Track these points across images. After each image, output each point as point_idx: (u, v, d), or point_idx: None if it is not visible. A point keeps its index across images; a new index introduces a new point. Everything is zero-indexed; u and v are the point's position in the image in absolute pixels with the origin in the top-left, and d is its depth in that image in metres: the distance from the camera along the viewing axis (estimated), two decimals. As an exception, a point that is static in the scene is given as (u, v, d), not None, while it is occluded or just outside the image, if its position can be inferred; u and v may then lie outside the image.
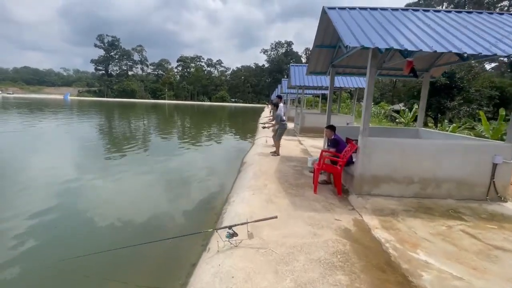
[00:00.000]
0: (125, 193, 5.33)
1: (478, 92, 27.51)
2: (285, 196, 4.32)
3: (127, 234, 3.76)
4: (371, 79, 4.13)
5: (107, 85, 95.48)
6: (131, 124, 18.61)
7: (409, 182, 4.42)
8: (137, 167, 7.16)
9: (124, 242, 3.17)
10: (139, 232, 3.83)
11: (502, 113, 13.18)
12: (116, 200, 4.96)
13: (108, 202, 4.84)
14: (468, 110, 27.16)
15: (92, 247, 3.14)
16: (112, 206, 4.67)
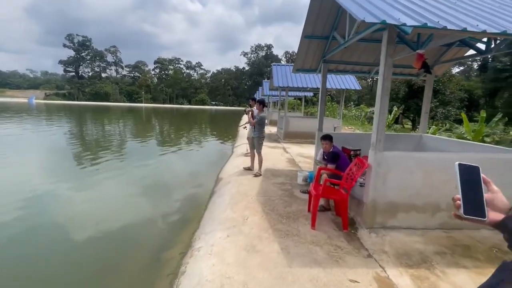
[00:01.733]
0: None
1: (452, 95, 28.31)
2: (273, 236, 3.07)
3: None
4: (387, 72, 3.02)
5: (78, 87, 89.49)
6: (99, 130, 16.57)
7: (435, 209, 3.35)
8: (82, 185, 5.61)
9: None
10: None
11: (483, 115, 12.94)
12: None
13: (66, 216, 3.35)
14: (444, 112, 27.80)
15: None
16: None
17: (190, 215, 4.24)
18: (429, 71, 4.44)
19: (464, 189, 0.74)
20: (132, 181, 6.20)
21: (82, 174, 6.63)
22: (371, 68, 6.26)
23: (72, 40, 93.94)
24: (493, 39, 4.34)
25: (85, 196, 5.22)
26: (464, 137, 12.60)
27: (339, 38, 4.58)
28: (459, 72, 45.50)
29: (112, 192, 5.48)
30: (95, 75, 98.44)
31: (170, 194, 5.38)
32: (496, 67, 30.16)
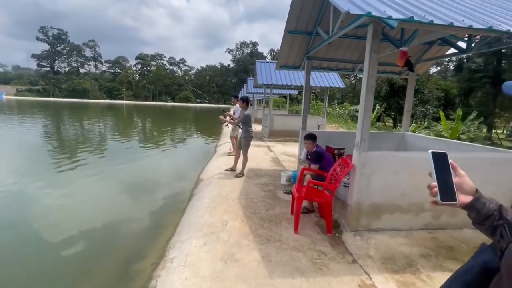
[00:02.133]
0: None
1: (430, 94, 29.42)
2: (254, 243, 2.87)
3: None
4: (372, 69, 2.88)
5: (54, 83, 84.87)
6: (77, 128, 15.65)
7: (419, 210, 3.28)
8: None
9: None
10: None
11: (459, 113, 13.45)
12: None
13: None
14: (423, 110, 28.84)
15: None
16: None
17: (167, 221, 3.95)
18: (412, 69, 4.40)
19: (438, 176, 0.80)
20: (108, 184, 5.79)
21: (54, 176, 6.12)
22: (354, 66, 6.19)
23: (46, 33, 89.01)
24: (474, 37, 4.36)
25: (56, 199, 4.78)
26: (442, 134, 13.03)
27: (323, 33, 4.43)
28: (436, 72, 47.52)
29: (84, 195, 5.07)
30: (72, 71, 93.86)
31: (146, 198, 5.04)
32: (471, 68, 31.63)
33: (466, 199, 0.78)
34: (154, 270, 2.62)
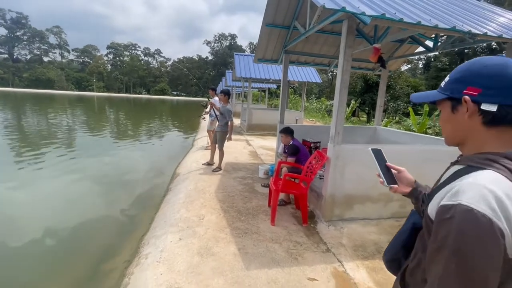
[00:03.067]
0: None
1: (401, 90, 31.01)
2: (231, 236, 2.87)
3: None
4: (346, 65, 2.95)
5: (13, 72, 77.74)
6: (42, 122, 14.49)
7: (387, 200, 3.47)
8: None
9: None
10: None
11: (426, 109, 14.34)
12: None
13: None
14: (394, 105, 30.36)
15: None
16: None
17: (141, 217, 3.82)
18: (384, 65, 4.57)
19: (381, 167, 1.04)
20: (78, 179, 5.44)
21: (19, 171, 5.65)
22: (331, 61, 6.32)
23: (4, 17, 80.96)
24: (439, 37, 4.62)
25: (21, 194, 4.42)
26: (411, 129, 13.83)
27: (300, 27, 4.46)
28: (407, 70, 50.08)
29: (53, 192, 4.74)
30: (34, 59, 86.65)
31: (119, 194, 4.83)
32: (437, 66, 33.75)
33: (407, 189, 1.00)
34: (127, 268, 2.53)
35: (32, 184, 5.06)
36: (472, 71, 0.67)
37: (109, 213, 4.02)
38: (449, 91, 0.70)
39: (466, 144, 0.72)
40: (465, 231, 0.54)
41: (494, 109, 0.63)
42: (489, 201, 0.55)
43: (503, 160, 0.61)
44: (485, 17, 3.32)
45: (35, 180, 5.28)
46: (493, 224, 0.53)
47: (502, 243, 0.53)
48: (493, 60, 0.66)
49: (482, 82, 0.64)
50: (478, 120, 0.67)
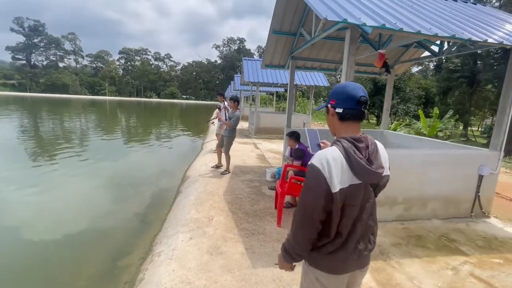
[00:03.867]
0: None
1: (411, 92, 30.50)
2: (239, 237, 3.01)
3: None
4: (350, 71, 3.07)
5: (30, 77, 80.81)
6: (57, 125, 15.10)
7: (392, 203, 3.54)
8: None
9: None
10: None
11: (436, 112, 14.11)
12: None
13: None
14: (404, 108, 29.89)
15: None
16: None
17: (153, 217, 4.01)
18: (389, 71, 4.62)
19: (312, 144, 2.67)
20: (93, 181, 5.72)
21: (37, 173, 5.98)
22: (337, 66, 6.42)
23: (22, 24, 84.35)
24: (445, 41, 4.66)
25: (41, 196, 4.71)
26: (421, 132, 13.65)
27: (306, 34, 4.59)
28: (418, 71, 49.21)
29: (70, 192, 5.01)
30: (50, 64, 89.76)
31: (133, 195, 5.06)
32: (449, 68, 33.05)
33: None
34: (142, 264, 2.71)
35: (51, 185, 5.35)
36: (333, 91, 1.19)
37: (123, 213, 4.23)
38: (326, 102, 1.20)
39: (336, 133, 1.19)
40: (308, 175, 1.07)
41: (341, 111, 1.13)
42: (322, 161, 1.03)
43: (343, 141, 1.08)
44: (488, 24, 3.37)
45: (53, 182, 5.57)
46: (320, 173, 1.02)
47: (324, 182, 1.01)
48: (340, 84, 1.18)
49: (335, 97, 1.15)
50: (336, 118, 1.15)
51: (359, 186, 1.06)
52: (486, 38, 2.81)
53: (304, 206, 1.08)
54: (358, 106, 1.12)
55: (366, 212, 1.13)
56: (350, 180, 1.04)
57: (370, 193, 1.13)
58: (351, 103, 1.12)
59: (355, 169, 1.03)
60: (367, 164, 1.05)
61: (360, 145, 1.08)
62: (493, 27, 3.26)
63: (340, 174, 1.02)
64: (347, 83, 1.17)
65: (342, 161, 1.03)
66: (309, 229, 1.08)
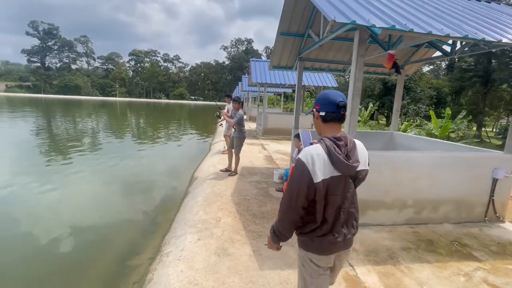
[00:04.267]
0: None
1: (422, 92, 29.88)
2: (246, 238, 3.02)
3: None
4: (358, 73, 3.04)
5: (45, 79, 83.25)
6: (70, 126, 15.50)
7: (402, 206, 3.48)
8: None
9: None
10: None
11: (448, 112, 13.75)
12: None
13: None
14: (415, 108, 29.31)
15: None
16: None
17: (162, 218, 4.07)
18: (399, 71, 4.56)
19: (305, 143, 2.14)
20: (102, 181, 5.86)
21: (49, 173, 6.16)
22: (345, 67, 6.36)
23: (37, 28, 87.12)
24: (458, 41, 4.56)
25: (51, 196, 4.84)
26: (432, 133, 13.35)
27: (314, 36, 4.57)
28: (429, 71, 48.11)
29: (80, 192, 5.14)
30: (64, 67, 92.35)
31: (141, 195, 5.14)
32: (462, 67, 32.20)
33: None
34: (151, 265, 2.75)
35: (64, 185, 5.50)
36: (317, 98, 1.40)
37: (132, 214, 4.31)
38: (313, 108, 1.40)
39: (321, 133, 1.39)
40: (295, 167, 1.27)
41: (324, 114, 1.33)
42: (307, 156, 1.24)
43: (326, 140, 1.28)
44: (502, 22, 3.28)
45: (63, 181, 5.72)
46: (304, 166, 1.23)
47: (307, 174, 1.22)
48: (324, 92, 1.38)
49: (319, 102, 1.36)
50: (320, 120, 1.36)
51: (339, 177, 1.27)
52: (501, 38, 2.73)
53: (290, 194, 1.29)
54: (338, 109, 1.33)
55: (347, 200, 1.33)
56: (331, 172, 1.25)
57: (350, 184, 1.33)
58: (332, 107, 1.33)
59: (335, 163, 1.24)
60: (345, 159, 1.25)
61: (339, 143, 1.29)
62: (508, 26, 3.16)
63: (322, 167, 1.24)
64: (329, 91, 1.40)
65: (324, 156, 1.25)
66: (293, 214, 1.30)
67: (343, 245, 1.38)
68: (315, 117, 1.40)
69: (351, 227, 1.40)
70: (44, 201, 4.67)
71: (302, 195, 1.25)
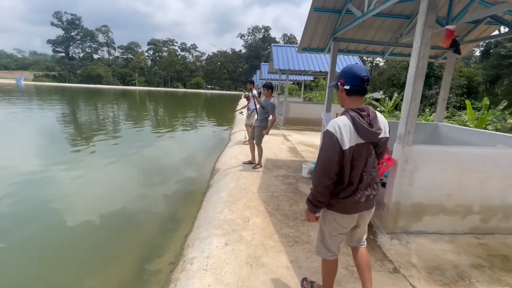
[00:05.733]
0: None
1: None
2: (281, 245, 2.60)
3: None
4: (424, 48, 2.43)
5: (69, 69, 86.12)
6: (92, 114, 15.71)
7: (466, 212, 2.90)
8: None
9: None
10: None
11: (486, 102, 12.50)
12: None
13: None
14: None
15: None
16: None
17: (183, 213, 3.74)
18: (459, 51, 3.83)
19: (327, 123, 2.63)
20: (120, 172, 5.65)
21: (72, 159, 6.05)
22: (385, 48, 5.64)
23: (61, 18, 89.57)
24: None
25: (67, 187, 4.67)
26: (467, 125, 12.23)
27: (356, 10, 3.93)
28: (459, 59, 44.73)
29: (98, 183, 4.94)
30: (86, 56, 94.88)
31: (161, 188, 4.85)
32: (500, 53, 29.43)
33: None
34: (172, 272, 2.40)
35: (81, 173, 5.33)
36: (342, 71, 1.53)
37: (151, 208, 4.02)
38: (336, 81, 1.56)
39: (344, 105, 1.54)
40: (324, 138, 1.45)
41: (348, 88, 1.48)
42: (334, 127, 1.41)
43: (349, 111, 1.46)
44: None
45: (83, 171, 5.56)
46: (333, 135, 1.40)
47: (337, 142, 1.39)
48: (349, 66, 1.51)
49: (344, 76, 1.51)
50: (344, 93, 1.51)
51: (363, 144, 1.43)
52: None
53: (323, 162, 1.44)
54: (362, 83, 1.46)
55: (369, 165, 1.50)
56: (356, 140, 1.41)
57: (371, 150, 1.50)
58: (356, 81, 1.46)
59: (360, 131, 1.39)
60: (369, 127, 1.41)
61: (363, 113, 1.43)
62: None
63: (348, 135, 1.39)
64: (352, 65, 1.50)
65: (350, 126, 1.40)
66: (327, 179, 1.44)
67: (366, 205, 1.55)
68: (339, 90, 1.53)
69: (373, 189, 1.56)
70: (54, 194, 4.49)
71: (334, 162, 1.40)
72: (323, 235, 1.69)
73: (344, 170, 1.44)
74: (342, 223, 1.58)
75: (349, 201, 1.49)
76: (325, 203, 1.53)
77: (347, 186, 1.48)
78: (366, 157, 1.46)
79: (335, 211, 1.55)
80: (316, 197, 1.51)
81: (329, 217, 1.59)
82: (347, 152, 1.38)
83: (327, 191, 1.48)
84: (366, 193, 1.51)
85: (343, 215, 1.55)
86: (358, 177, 1.47)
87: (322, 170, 1.43)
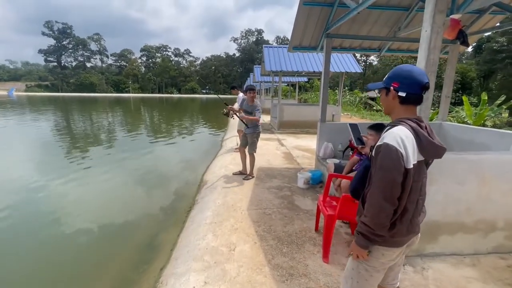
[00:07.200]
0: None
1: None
2: (273, 281, 2.14)
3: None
4: (435, 38, 2.02)
5: (61, 78, 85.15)
6: (86, 123, 15.13)
7: (488, 228, 2.47)
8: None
9: None
10: None
11: (484, 98, 12.29)
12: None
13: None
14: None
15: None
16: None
17: (162, 239, 3.25)
18: (467, 42, 3.44)
19: (355, 137, 2.91)
20: (103, 186, 5.15)
21: (56, 173, 5.54)
22: (382, 44, 5.25)
23: (52, 28, 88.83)
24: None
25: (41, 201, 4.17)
26: (465, 121, 11.94)
27: (349, 1, 3.52)
28: (461, 52, 44.73)
29: (73, 201, 4.45)
30: (79, 65, 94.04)
31: (143, 205, 4.37)
32: (493, 48, 29.44)
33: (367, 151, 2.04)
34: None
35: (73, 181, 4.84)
36: (396, 73, 1.24)
37: (128, 232, 3.54)
38: (386, 83, 1.26)
39: (392, 114, 1.28)
40: (384, 155, 1.13)
41: (404, 95, 1.20)
42: (397, 140, 1.11)
43: (407, 121, 1.18)
44: None
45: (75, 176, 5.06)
46: (397, 151, 1.10)
47: (401, 159, 1.10)
48: (407, 67, 1.22)
49: (400, 80, 1.22)
50: (397, 100, 1.23)
51: (422, 162, 1.19)
52: None
53: (384, 186, 1.13)
54: (421, 91, 1.20)
55: (423, 186, 1.25)
56: (418, 157, 1.17)
57: (425, 169, 1.25)
58: (416, 88, 1.19)
59: (424, 146, 1.15)
60: (435, 141, 1.18)
61: (422, 124, 1.20)
62: None
63: (412, 150, 1.13)
64: (411, 66, 1.23)
65: (412, 139, 1.15)
66: (390, 205, 1.14)
67: (415, 230, 1.28)
68: (390, 96, 1.26)
69: (423, 214, 1.32)
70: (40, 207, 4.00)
71: (398, 184, 1.12)
72: (360, 277, 1.31)
73: (402, 195, 1.16)
74: (390, 257, 1.27)
75: (401, 232, 1.21)
76: (385, 237, 1.21)
77: (401, 214, 1.19)
78: (423, 177, 1.21)
79: (385, 245, 1.23)
80: (374, 230, 1.18)
81: (376, 252, 1.26)
82: (411, 171, 1.12)
83: (388, 221, 1.17)
84: (418, 221, 1.27)
85: (394, 248, 1.25)
86: (415, 203, 1.21)
87: (383, 196, 1.13)
